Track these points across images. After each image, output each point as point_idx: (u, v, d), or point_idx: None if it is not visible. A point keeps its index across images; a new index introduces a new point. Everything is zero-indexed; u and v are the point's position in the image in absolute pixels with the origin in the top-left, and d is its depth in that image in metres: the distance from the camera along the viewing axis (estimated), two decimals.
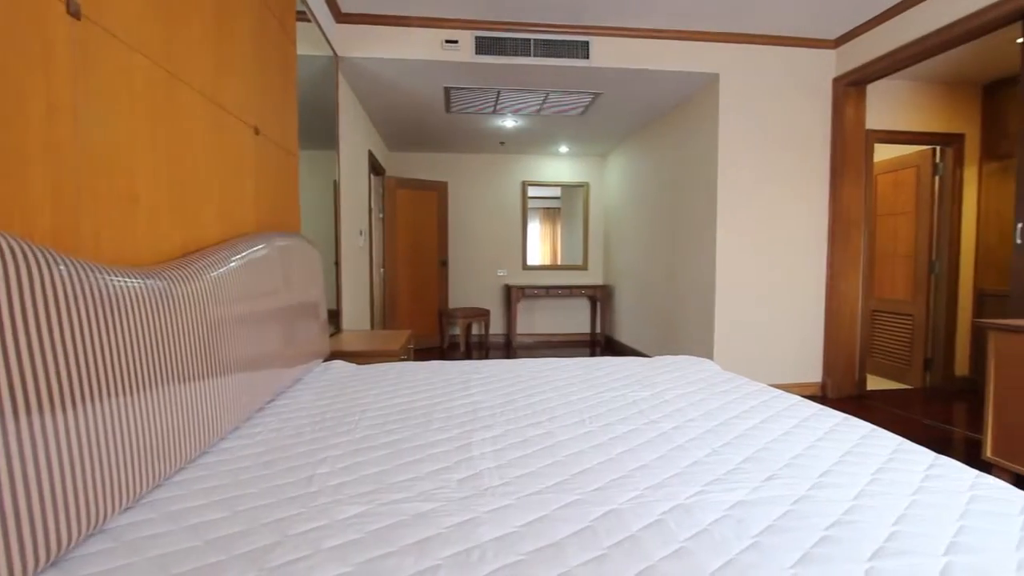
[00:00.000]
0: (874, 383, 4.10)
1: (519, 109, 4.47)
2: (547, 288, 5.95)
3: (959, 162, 3.91)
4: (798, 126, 3.69)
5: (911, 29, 3.05)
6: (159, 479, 0.97)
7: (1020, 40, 2.59)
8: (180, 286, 1.09)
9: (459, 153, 6.23)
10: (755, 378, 3.69)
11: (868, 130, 3.70)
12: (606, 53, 3.49)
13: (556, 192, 6.52)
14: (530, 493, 0.99)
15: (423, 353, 5.36)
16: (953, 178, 3.90)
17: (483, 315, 5.93)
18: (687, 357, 2.34)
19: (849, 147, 3.60)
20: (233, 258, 1.40)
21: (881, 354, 4.34)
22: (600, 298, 6.10)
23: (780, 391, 1.80)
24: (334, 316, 3.25)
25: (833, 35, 3.57)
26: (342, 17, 3.21)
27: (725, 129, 3.63)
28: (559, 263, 6.58)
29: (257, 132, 1.81)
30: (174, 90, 1.29)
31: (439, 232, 5.93)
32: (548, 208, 6.58)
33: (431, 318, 5.88)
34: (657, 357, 2.37)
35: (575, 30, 3.43)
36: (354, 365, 2.19)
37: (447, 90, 3.96)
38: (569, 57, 3.45)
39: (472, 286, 6.33)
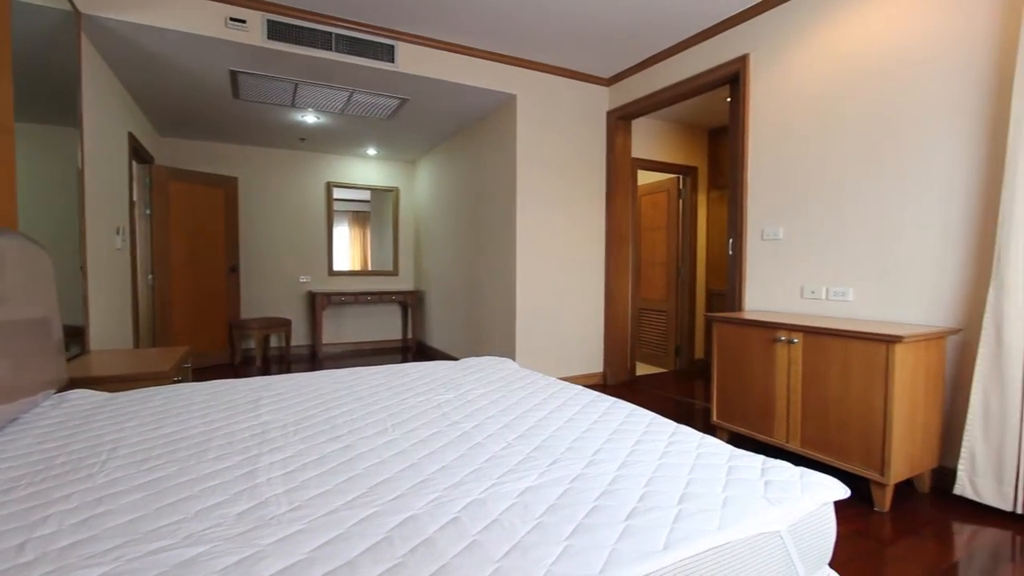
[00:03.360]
0: (642, 369, 4.90)
1: (321, 106, 4.21)
2: (356, 294, 5.71)
3: (694, 189, 4.94)
4: (582, 149, 4.23)
5: (658, 80, 3.75)
6: None
7: (728, 99, 3.39)
8: None
9: (252, 146, 5.59)
10: (550, 372, 4.10)
11: (634, 158, 4.43)
12: (412, 60, 3.51)
13: (365, 195, 6.30)
14: (324, 514, 0.94)
15: (208, 372, 4.65)
16: (691, 201, 4.91)
17: (283, 325, 5.41)
18: (490, 357, 2.48)
19: (619, 171, 4.26)
20: None
21: (646, 345, 5.22)
22: (411, 304, 6.08)
23: (567, 383, 2.03)
24: (77, 334, 2.62)
25: (607, 74, 4.18)
26: None
27: (522, 146, 3.96)
28: (369, 268, 6.36)
29: None
30: None
31: (228, 234, 5.22)
32: (357, 212, 6.32)
33: (219, 331, 5.13)
34: (463, 359, 2.46)
35: (381, 32, 3.37)
36: (104, 394, 1.79)
37: (234, 74, 3.52)
38: (374, 58, 3.38)
39: (270, 294, 5.72)
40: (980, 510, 2.05)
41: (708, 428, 2.88)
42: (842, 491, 1.17)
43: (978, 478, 2.05)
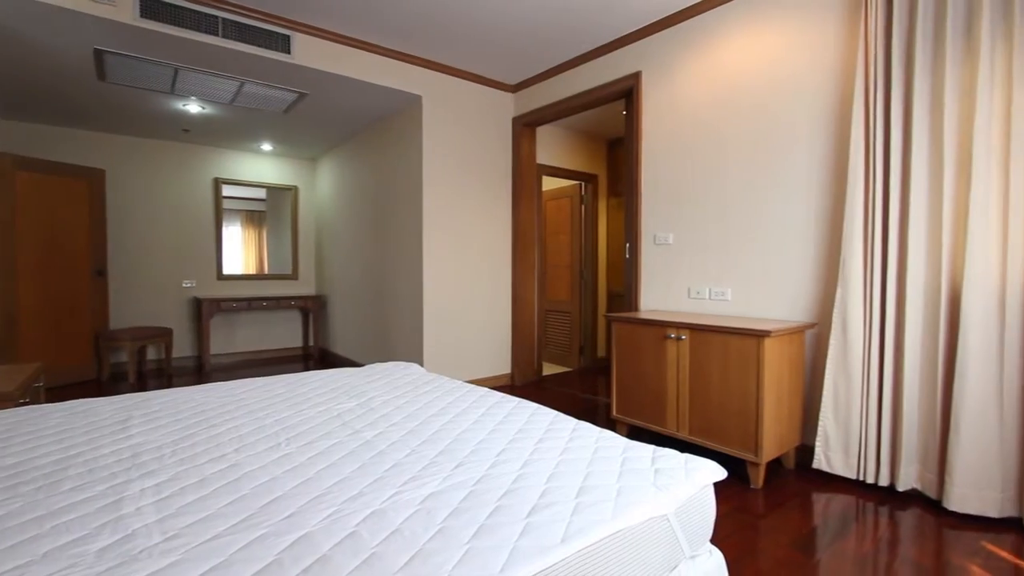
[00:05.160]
0: (548, 369, 5.05)
1: (207, 95, 3.85)
2: (249, 300, 5.29)
3: (595, 195, 5.19)
4: (488, 153, 4.27)
5: (560, 90, 3.90)
6: None
7: (624, 112, 3.61)
8: None
9: (124, 135, 4.98)
10: (459, 376, 4.09)
11: (539, 164, 4.56)
12: (310, 52, 3.34)
13: (260, 194, 5.86)
14: (203, 541, 0.86)
15: (68, 391, 4.07)
16: (592, 207, 5.15)
17: (163, 335, 4.87)
18: (396, 363, 2.42)
19: (525, 177, 4.36)
20: None
21: (553, 345, 5.39)
22: (313, 309, 5.76)
23: (473, 386, 2.04)
24: None
25: (512, 81, 4.26)
26: None
27: (428, 148, 3.92)
28: (266, 272, 5.93)
29: None
30: None
31: (93, 233, 4.60)
32: (251, 211, 5.86)
33: (82, 344, 4.51)
34: (368, 366, 2.38)
35: (275, 20, 3.17)
36: None
37: (99, 53, 3.12)
38: (267, 48, 3.16)
39: (146, 301, 5.13)
40: (833, 480, 2.36)
41: (609, 423, 3.04)
42: (720, 473, 1.30)
43: (831, 452, 2.36)
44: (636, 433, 2.93)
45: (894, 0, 2.15)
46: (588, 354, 5.17)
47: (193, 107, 4.16)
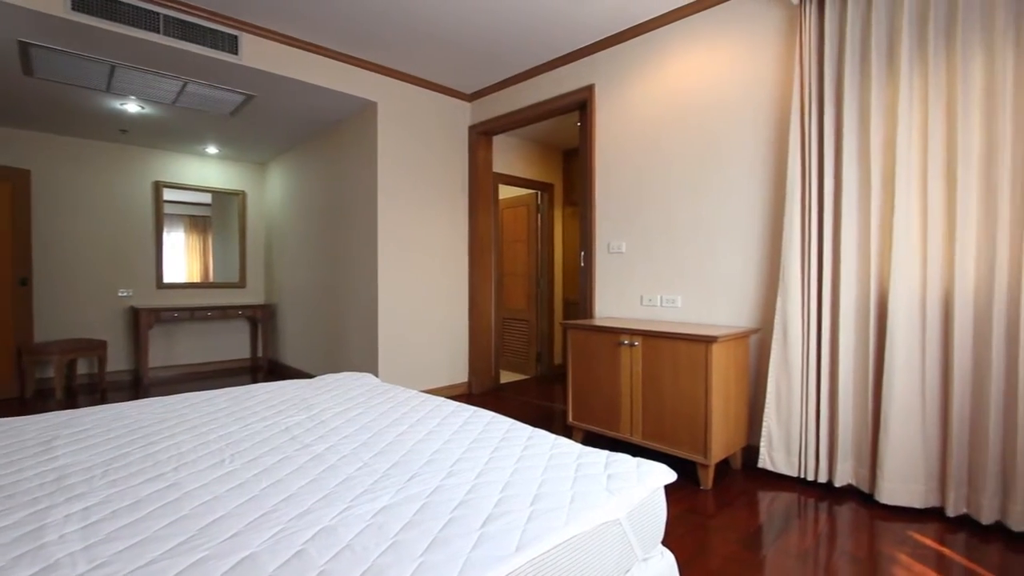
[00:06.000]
0: (506, 377, 5.06)
1: (147, 94, 3.66)
2: (192, 310, 5.04)
3: (551, 204, 5.26)
4: (445, 161, 4.25)
5: (516, 100, 3.95)
6: None
7: (578, 123, 3.69)
8: None
9: (53, 134, 4.65)
10: (416, 385, 4.03)
11: (495, 172, 4.58)
12: (259, 54, 3.24)
13: (206, 198, 5.60)
14: (136, 568, 0.81)
15: None
16: (548, 216, 5.22)
17: (96, 348, 4.56)
18: (349, 374, 2.36)
19: (481, 185, 4.37)
20: None
21: (510, 353, 5.40)
22: (262, 319, 5.55)
23: (428, 395, 2.01)
24: None
25: (469, 90, 4.28)
26: None
27: (384, 154, 3.87)
28: (211, 280, 5.66)
29: None
30: None
31: (16, 238, 4.27)
32: (195, 216, 5.59)
33: (1, 358, 4.16)
34: (319, 377, 2.32)
35: (222, 19, 3.06)
36: None
37: (24, 46, 2.91)
38: (213, 47, 3.05)
39: (78, 311, 4.79)
40: (777, 478, 2.47)
41: (565, 430, 3.06)
42: (670, 475, 1.33)
43: (774, 452, 2.47)
44: (592, 439, 2.97)
45: (825, 24, 2.30)
46: (545, 362, 5.21)
47: (132, 107, 3.95)
